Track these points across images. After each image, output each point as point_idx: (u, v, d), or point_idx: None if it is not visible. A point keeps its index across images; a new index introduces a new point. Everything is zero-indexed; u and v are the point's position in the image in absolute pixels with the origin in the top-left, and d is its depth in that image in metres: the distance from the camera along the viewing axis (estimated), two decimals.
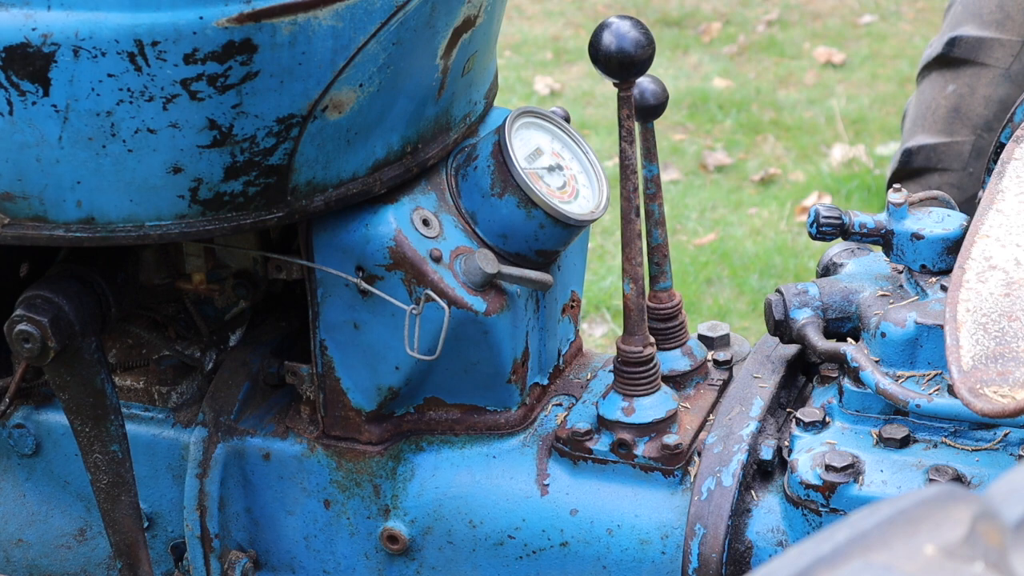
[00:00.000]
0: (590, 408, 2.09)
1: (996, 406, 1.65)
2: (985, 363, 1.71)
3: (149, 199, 1.82)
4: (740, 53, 6.44)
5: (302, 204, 1.89)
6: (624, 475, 2.04)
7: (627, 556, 2.03)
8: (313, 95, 1.80)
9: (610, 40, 1.89)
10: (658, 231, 2.16)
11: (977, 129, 3.34)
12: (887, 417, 1.99)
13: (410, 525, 2.11)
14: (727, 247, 4.86)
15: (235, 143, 1.80)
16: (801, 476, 1.92)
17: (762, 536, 1.97)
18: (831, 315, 2.10)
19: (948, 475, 1.90)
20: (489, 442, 2.10)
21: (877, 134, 5.64)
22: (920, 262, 2.08)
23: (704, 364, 2.18)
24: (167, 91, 1.73)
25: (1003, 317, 1.78)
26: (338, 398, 2.07)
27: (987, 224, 1.95)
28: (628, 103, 1.93)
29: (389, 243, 1.95)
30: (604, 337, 4.46)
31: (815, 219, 2.10)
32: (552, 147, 2.08)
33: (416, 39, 1.86)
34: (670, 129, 5.69)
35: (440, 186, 2.05)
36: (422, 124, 1.98)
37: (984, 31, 3.33)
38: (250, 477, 2.15)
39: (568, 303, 2.20)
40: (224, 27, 1.70)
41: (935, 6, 6.72)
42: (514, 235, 2.01)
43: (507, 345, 2.03)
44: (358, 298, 1.98)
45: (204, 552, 2.17)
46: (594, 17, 6.76)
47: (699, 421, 2.08)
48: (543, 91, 6.13)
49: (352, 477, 2.10)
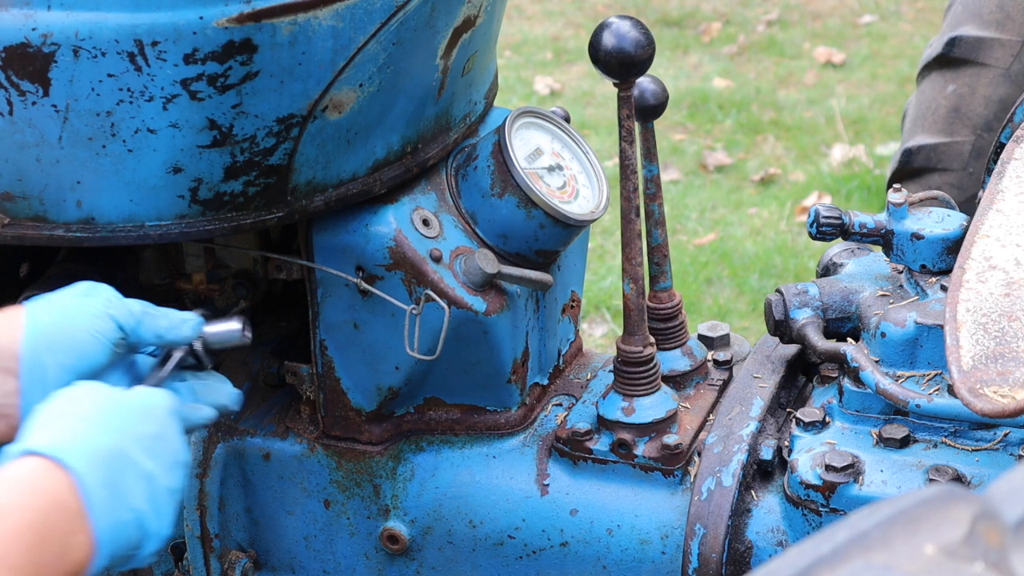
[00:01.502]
0: (590, 408, 2.09)
1: (996, 406, 1.65)
2: (985, 363, 1.71)
3: (149, 199, 1.82)
4: (740, 53, 6.44)
5: (302, 204, 1.90)
6: (624, 475, 2.04)
7: (627, 556, 2.03)
8: (313, 95, 1.80)
9: (610, 40, 1.89)
10: (658, 231, 2.16)
11: (977, 129, 3.34)
12: (887, 417, 1.99)
13: (410, 525, 2.11)
14: (727, 247, 4.86)
15: (235, 143, 1.80)
16: (801, 476, 1.92)
17: (762, 536, 1.98)
18: (831, 315, 2.10)
19: (948, 475, 1.90)
20: (489, 442, 2.10)
21: (877, 134, 5.64)
22: (920, 262, 2.08)
23: (704, 364, 2.18)
24: (167, 91, 1.73)
25: (1003, 317, 1.78)
26: (338, 398, 2.07)
27: (987, 224, 1.95)
28: (628, 103, 1.93)
29: (389, 243, 1.95)
30: (604, 337, 4.46)
31: (815, 219, 2.10)
32: (552, 147, 2.08)
33: (416, 39, 1.86)
34: (670, 129, 5.69)
35: (440, 186, 2.05)
36: (422, 124, 1.98)
37: (984, 31, 3.33)
38: (250, 477, 2.15)
39: (568, 303, 2.20)
40: (224, 27, 1.70)
41: (935, 6, 6.73)
42: (514, 235, 2.02)
43: (507, 345, 2.03)
44: (358, 298, 1.98)
45: (204, 552, 2.17)
46: (594, 17, 6.76)
47: (699, 421, 2.08)
48: (543, 91, 6.13)
49: (352, 477, 2.10)
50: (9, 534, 1.40)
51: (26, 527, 1.41)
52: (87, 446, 1.50)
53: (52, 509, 1.44)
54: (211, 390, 1.79)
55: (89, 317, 1.66)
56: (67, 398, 1.56)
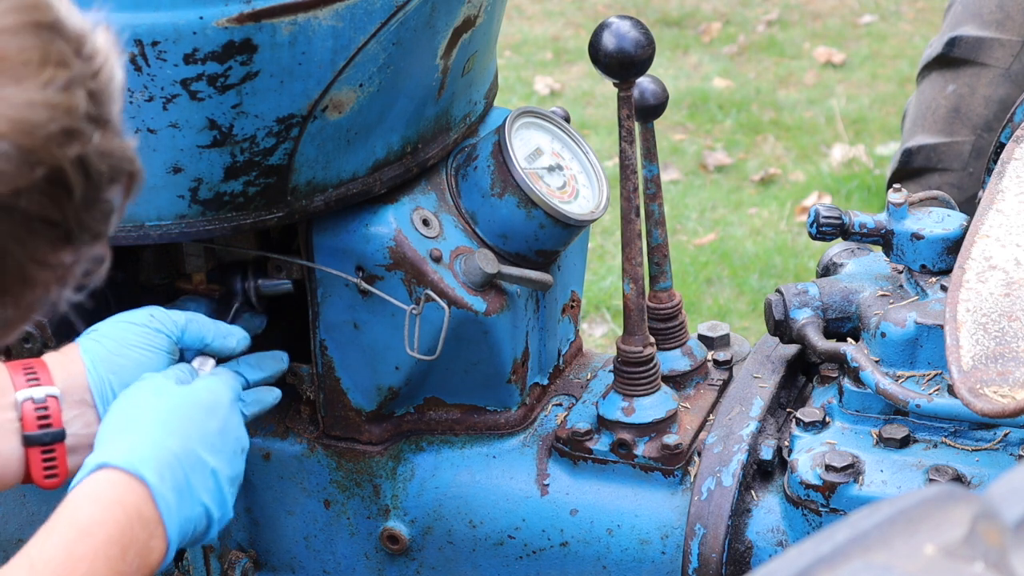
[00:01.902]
0: (590, 408, 2.09)
1: (996, 406, 1.65)
2: (985, 363, 1.71)
3: (149, 199, 1.82)
4: (740, 53, 6.44)
5: (302, 204, 1.90)
6: (624, 475, 2.04)
7: (627, 556, 2.03)
8: (313, 95, 1.80)
9: (610, 40, 1.89)
10: (658, 231, 2.16)
11: (977, 129, 3.34)
12: (887, 417, 1.99)
13: (410, 525, 2.11)
14: (727, 247, 4.86)
15: (235, 143, 1.80)
16: (801, 476, 1.92)
17: (762, 536, 1.97)
18: (831, 315, 2.10)
19: (948, 475, 1.90)
20: (489, 442, 2.10)
21: (877, 134, 5.64)
22: (920, 262, 2.08)
23: (704, 364, 2.18)
24: (167, 91, 1.74)
25: (1003, 317, 1.78)
26: (338, 398, 2.07)
27: (987, 224, 1.95)
28: (628, 103, 1.93)
29: (389, 243, 1.95)
30: (604, 337, 4.46)
31: (815, 219, 2.10)
32: (552, 147, 2.08)
33: (416, 39, 1.86)
34: (670, 129, 5.69)
35: (440, 186, 2.05)
36: (422, 124, 1.98)
37: (984, 31, 3.33)
38: (250, 477, 2.15)
39: (568, 303, 2.20)
40: (224, 27, 1.70)
41: (935, 6, 6.72)
42: (514, 235, 2.02)
43: (507, 345, 2.03)
44: (358, 298, 1.98)
45: (204, 552, 2.17)
46: (594, 17, 6.76)
47: (699, 421, 2.08)
48: (543, 91, 6.13)
49: (352, 477, 2.10)
50: (97, 549, 1.51)
51: (111, 541, 1.53)
52: (158, 454, 1.61)
53: (132, 521, 1.56)
54: (267, 358, 1.95)
55: (139, 334, 1.78)
56: (134, 403, 1.67)
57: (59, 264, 1.23)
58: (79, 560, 1.49)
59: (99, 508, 1.55)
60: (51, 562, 1.48)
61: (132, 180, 1.27)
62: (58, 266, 1.23)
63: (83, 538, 1.51)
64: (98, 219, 1.24)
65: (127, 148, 1.26)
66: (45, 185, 1.17)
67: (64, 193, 1.19)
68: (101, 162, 1.21)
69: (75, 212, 1.21)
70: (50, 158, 1.16)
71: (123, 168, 1.25)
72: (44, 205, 1.18)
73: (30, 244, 1.19)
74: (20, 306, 1.24)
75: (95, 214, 1.23)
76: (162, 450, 1.61)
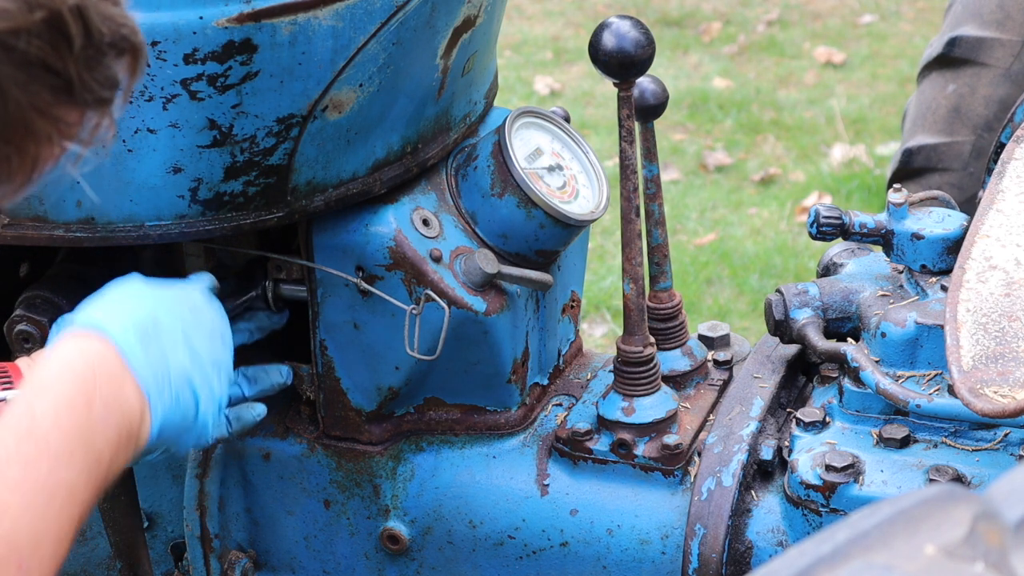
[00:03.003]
0: (590, 408, 2.09)
1: (996, 406, 1.65)
2: (985, 363, 1.71)
3: (149, 199, 1.82)
4: (740, 53, 6.44)
5: (302, 204, 1.89)
6: (624, 475, 2.04)
7: (627, 556, 2.03)
8: (313, 95, 1.80)
9: (610, 40, 1.89)
10: (658, 231, 2.16)
11: (977, 129, 3.34)
12: (887, 417, 1.99)
13: (410, 525, 2.11)
14: (727, 247, 4.86)
15: (235, 143, 1.80)
16: (801, 476, 1.92)
17: (762, 536, 1.97)
18: (831, 315, 2.10)
19: (948, 475, 1.90)
20: (489, 442, 2.10)
21: (877, 134, 5.64)
22: (920, 262, 2.08)
23: (704, 364, 2.18)
24: (167, 91, 1.73)
25: (1003, 317, 1.78)
26: (338, 398, 2.07)
27: (987, 224, 1.95)
28: (628, 103, 1.93)
29: (389, 243, 1.95)
30: (604, 337, 4.46)
31: (815, 219, 2.10)
32: (552, 147, 2.08)
33: (416, 39, 1.86)
34: (670, 129, 5.69)
35: (440, 186, 2.05)
36: (422, 124, 1.98)
37: (984, 31, 3.33)
38: (250, 477, 2.15)
39: (568, 303, 2.20)
40: (224, 27, 1.70)
41: (935, 6, 6.72)
42: (514, 235, 2.01)
43: (507, 345, 2.03)
44: (358, 298, 1.98)
45: (204, 552, 2.17)
46: (594, 17, 6.76)
47: (699, 421, 2.08)
48: (543, 91, 6.13)
49: (352, 477, 2.10)
50: (59, 403, 1.46)
51: (75, 392, 1.48)
52: (122, 315, 1.57)
53: (95, 371, 1.51)
54: (265, 372, 1.97)
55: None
56: (109, 287, 1.65)
57: (61, 119, 1.25)
58: (41, 416, 1.43)
59: (57, 364, 1.50)
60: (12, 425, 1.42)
61: (136, 57, 1.29)
62: (60, 120, 1.24)
63: (43, 393, 1.46)
64: (101, 83, 1.26)
65: (128, 18, 1.28)
66: (44, 29, 1.20)
67: (63, 40, 1.21)
68: (102, 23, 1.24)
69: (76, 66, 1.23)
70: (49, 1, 1.20)
71: (124, 36, 1.27)
72: (43, 50, 1.20)
73: (30, 88, 1.21)
74: (23, 156, 1.24)
75: (97, 76, 1.25)
76: (125, 313, 1.58)
